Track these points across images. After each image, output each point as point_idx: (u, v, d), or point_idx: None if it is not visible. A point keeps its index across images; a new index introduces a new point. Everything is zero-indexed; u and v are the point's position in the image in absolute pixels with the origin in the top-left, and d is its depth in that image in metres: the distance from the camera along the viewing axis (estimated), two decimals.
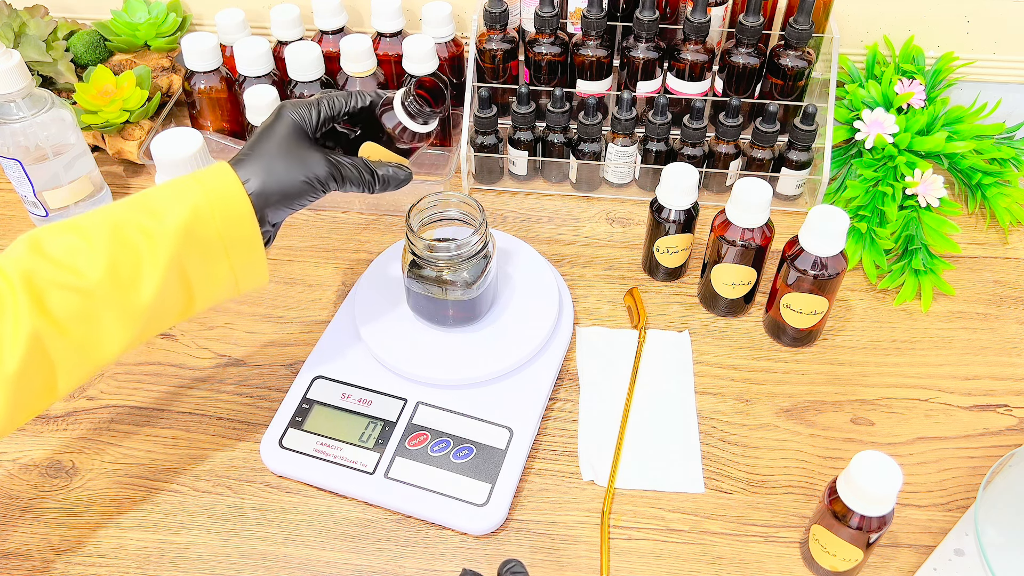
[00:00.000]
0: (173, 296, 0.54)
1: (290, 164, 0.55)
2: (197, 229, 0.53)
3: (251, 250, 0.55)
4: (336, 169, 0.57)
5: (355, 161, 0.59)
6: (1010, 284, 0.77)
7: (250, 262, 0.56)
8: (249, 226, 0.54)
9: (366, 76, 0.82)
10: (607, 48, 0.82)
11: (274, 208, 0.56)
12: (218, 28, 0.86)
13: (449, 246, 0.62)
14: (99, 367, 0.53)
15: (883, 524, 0.52)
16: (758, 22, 0.79)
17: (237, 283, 0.57)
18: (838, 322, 0.73)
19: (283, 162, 0.55)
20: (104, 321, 0.51)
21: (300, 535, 0.59)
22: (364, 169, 0.59)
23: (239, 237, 0.54)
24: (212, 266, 0.54)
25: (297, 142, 0.56)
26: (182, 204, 0.53)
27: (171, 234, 0.52)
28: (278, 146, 0.56)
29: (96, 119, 0.82)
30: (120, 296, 0.51)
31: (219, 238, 0.54)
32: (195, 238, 0.53)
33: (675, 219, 0.72)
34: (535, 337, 0.67)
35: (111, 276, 0.51)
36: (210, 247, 0.54)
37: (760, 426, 0.66)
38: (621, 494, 0.62)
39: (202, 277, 0.54)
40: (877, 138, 0.80)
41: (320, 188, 0.57)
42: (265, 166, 0.55)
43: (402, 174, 0.61)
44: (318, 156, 0.57)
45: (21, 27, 0.87)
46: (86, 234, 0.51)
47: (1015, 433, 0.65)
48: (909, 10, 0.86)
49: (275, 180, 0.55)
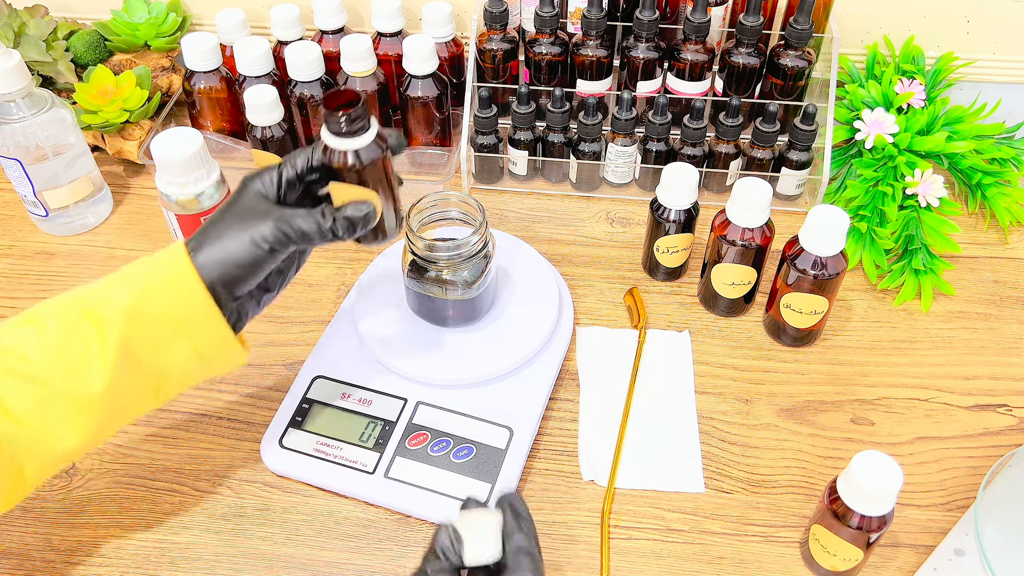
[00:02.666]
0: (133, 383, 0.51)
1: (239, 229, 0.51)
2: (145, 308, 0.50)
3: (212, 327, 0.52)
4: (286, 224, 0.51)
5: (312, 211, 0.53)
6: (1010, 284, 0.77)
7: (216, 340, 0.52)
8: (201, 301, 0.51)
9: (366, 76, 0.82)
10: (607, 48, 0.82)
11: (229, 279, 0.51)
12: (218, 28, 0.86)
13: (449, 246, 0.62)
14: (62, 459, 0.50)
15: (883, 524, 0.52)
16: (758, 22, 0.79)
17: (207, 365, 0.53)
18: (838, 322, 0.73)
19: (233, 229, 0.51)
20: (57, 410, 0.49)
21: (300, 535, 0.59)
22: (322, 215, 0.53)
23: (194, 314, 0.51)
24: (170, 348, 0.51)
25: (252, 208, 0.52)
26: (128, 284, 0.51)
27: (118, 316, 0.49)
28: (231, 215, 0.52)
29: (96, 119, 0.82)
30: (71, 384, 0.49)
31: (170, 316, 0.50)
32: (144, 318, 0.50)
33: (675, 219, 0.72)
34: (535, 337, 0.67)
35: (59, 362, 0.49)
36: (162, 327, 0.50)
37: (760, 426, 0.66)
38: (621, 494, 0.62)
39: (161, 360, 0.51)
40: (877, 138, 0.80)
41: (269, 248, 0.51)
42: (214, 235, 0.51)
43: (363, 209, 0.53)
44: (269, 215, 0.52)
45: (21, 27, 0.87)
46: (38, 321, 0.50)
47: (1015, 433, 0.65)
48: (909, 10, 0.86)
49: (221, 248, 0.51)
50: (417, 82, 0.82)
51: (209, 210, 0.70)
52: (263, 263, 0.52)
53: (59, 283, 0.77)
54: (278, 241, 0.51)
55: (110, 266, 0.78)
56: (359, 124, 0.51)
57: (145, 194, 0.86)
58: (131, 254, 0.80)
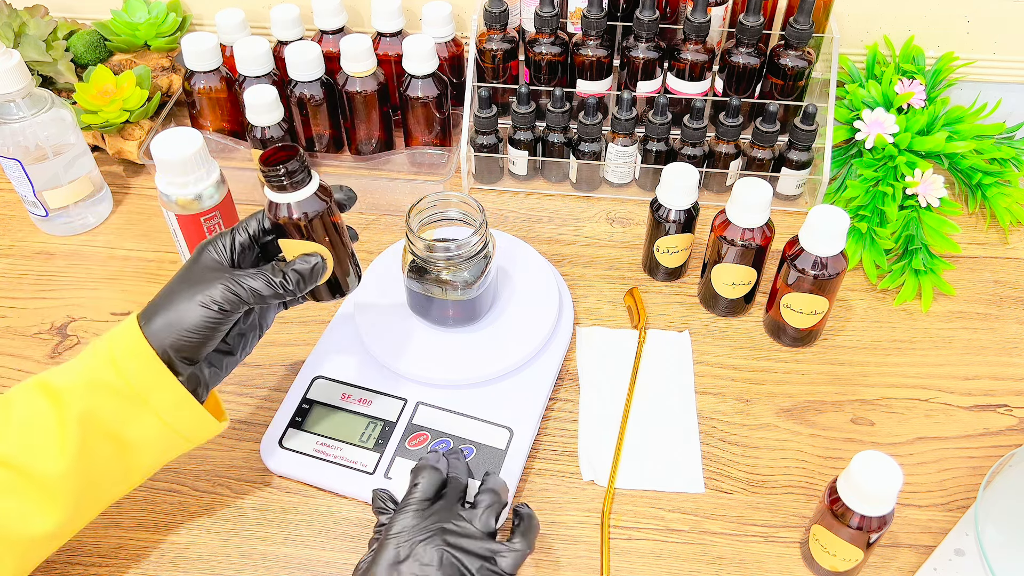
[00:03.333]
0: (101, 458, 0.50)
1: (189, 295, 0.51)
2: (101, 381, 0.49)
3: (170, 394, 0.51)
4: (235, 283, 0.51)
5: (261, 269, 0.52)
6: (1010, 284, 0.77)
7: (177, 407, 0.51)
8: (155, 369, 0.50)
9: (366, 76, 0.82)
10: (607, 48, 0.82)
11: (181, 345, 0.50)
12: (218, 28, 0.86)
13: (449, 246, 0.62)
14: (39, 545, 0.49)
15: (883, 524, 0.52)
16: (758, 22, 0.79)
17: (177, 435, 0.52)
18: (838, 322, 0.73)
19: (183, 295, 0.51)
20: (25, 492, 0.48)
21: (300, 535, 0.59)
22: (271, 271, 0.52)
23: (149, 382, 0.50)
24: (133, 420, 0.50)
25: (204, 273, 0.52)
26: (84, 360, 0.50)
27: (75, 391, 0.49)
28: (184, 281, 0.52)
29: (96, 119, 0.82)
30: (36, 463, 0.48)
31: (127, 387, 0.50)
32: (101, 391, 0.49)
33: (675, 219, 0.71)
34: (535, 337, 0.67)
35: (22, 442, 0.48)
36: (120, 398, 0.50)
37: (760, 426, 0.66)
38: (621, 494, 0.62)
39: (128, 433, 0.50)
40: (877, 138, 0.80)
41: (219, 309, 0.51)
42: (165, 303, 0.51)
43: (311, 261, 0.53)
44: (219, 279, 0.51)
45: (21, 27, 0.87)
46: (4, 402, 0.50)
47: (1015, 433, 0.65)
48: (909, 10, 0.86)
49: (172, 313, 0.50)
50: (417, 82, 0.82)
51: (209, 210, 0.70)
52: (215, 327, 0.51)
53: (59, 283, 0.77)
54: (228, 302, 0.51)
55: (110, 266, 0.79)
56: (297, 177, 0.51)
57: (145, 194, 0.86)
58: (131, 254, 0.80)
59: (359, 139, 0.87)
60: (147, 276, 0.78)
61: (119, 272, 0.78)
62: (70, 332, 0.73)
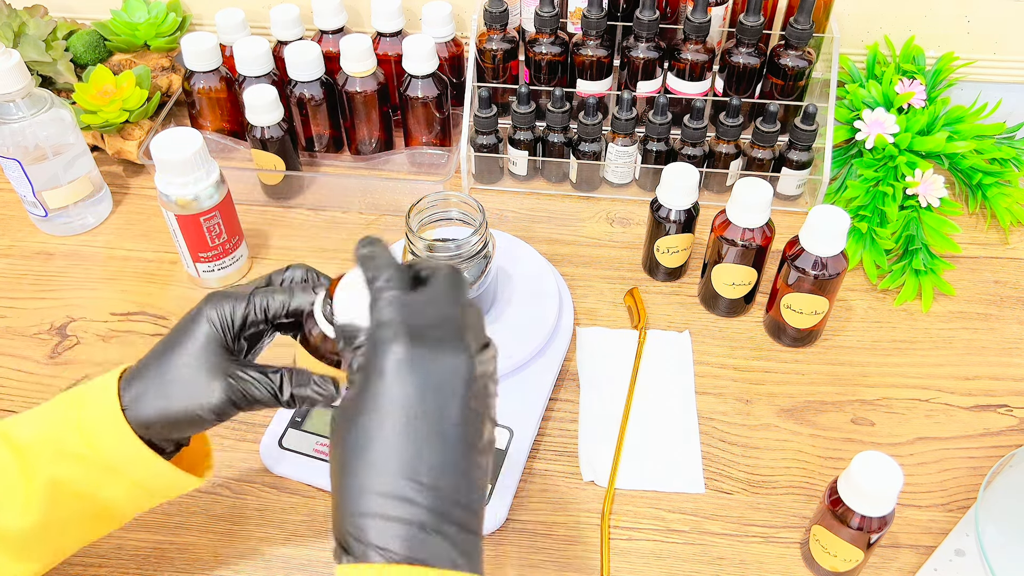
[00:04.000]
0: (73, 516, 0.47)
1: (185, 389, 0.46)
2: (71, 449, 0.45)
3: (148, 466, 0.47)
4: (237, 393, 0.46)
5: (267, 377, 0.47)
6: (1010, 284, 0.77)
7: (161, 477, 0.47)
8: (133, 445, 0.46)
9: (366, 76, 0.82)
10: (607, 48, 0.82)
11: (163, 429, 0.46)
12: (218, 28, 0.86)
13: (449, 246, 0.62)
14: None
15: (884, 524, 0.52)
16: (758, 22, 0.79)
17: (154, 495, 0.49)
18: (838, 322, 0.73)
19: (174, 383, 0.46)
20: None
21: (300, 535, 0.59)
22: (279, 389, 0.48)
23: (126, 456, 0.46)
24: (106, 485, 0.47)
25: (202, 359, 0.46)
26: (56, 420, 0.46)
27: (43, 454, 0.45)
28: (177, 355, 0.46)
29: (95, 119, 0.82)
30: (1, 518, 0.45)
31: (99, 459, 0.46)
32: (71, 458, 0.45)
33: (675, 219, 0.71)
34: (535, 337, 0.67)
35: None
36: (92, 467, 0.46)
37: (760, 426, 0.66)
38: (621, 494, 0.62)
39: (102, 495, 0.47)
40: (878, 138, 0.80)
41: (215, 417, 0.47)
42: (153, 382, 0.46)
43: (328, 390, 0.48)
44: (217, 376, 0.46)
45: (21, 27, 0.87)
46: None
47: (1016, 433, 0.65)
48: (909, 10, 0.86)
49: (160, 399, 0.46)
50: (417, 82, 0.82)
51: (209, 210, 0.70)
52: (205, 426, 0.47)
53: (58, 283, 0.77)
54: (224, 412, 0.47)
55: (110, 266, 0.78)
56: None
57: (144, 194, 0.86)
58: (130, 254, 0.80)
59: (359, 139, 0.87)
60: (146, 276, 0.78)
61: (119, 272, 0.78)
62: (69, 332, 0.73)
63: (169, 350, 0.47)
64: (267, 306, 0.48)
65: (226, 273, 0.75)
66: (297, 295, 0.49)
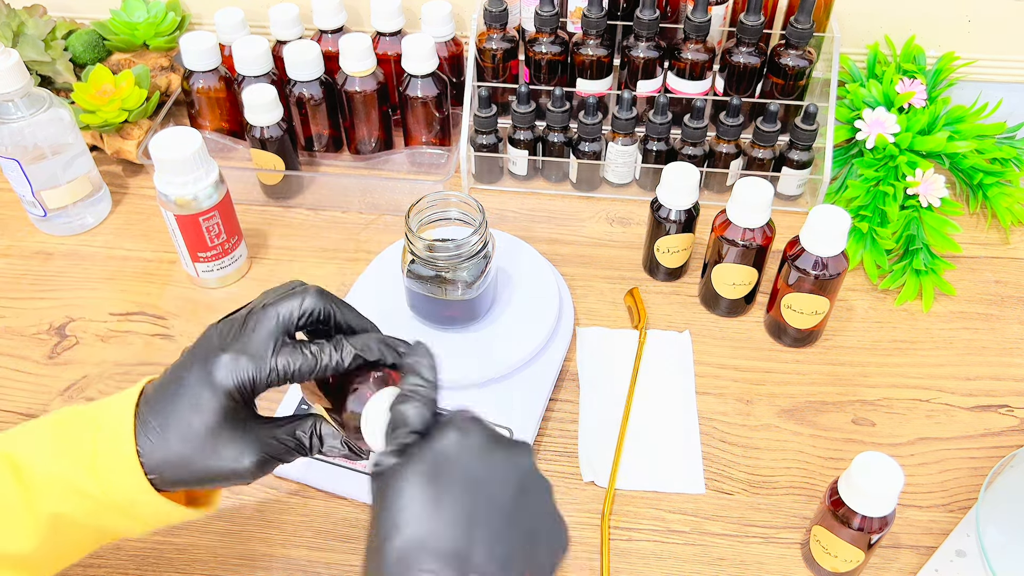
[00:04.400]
0: (71, 540, 0.45)
1: (211, 458, 0.43)
2: (79, 486, 0.43)
3: (158, 510, 0.44)
4: (270, 459, 0.45)
5: (297, 438, 0.46)
6: (1011, 284, 0.76)
7: (170, 516, 0.45)
8: (143, 489, 0.43)
9: (365, 75, 0.82)
10: (607, 47, 0.82)
11: (184, 483, 0.44)
12: (217, 27, 0.86)
13: (449, 246, 0.62)
14: None
15: (884, 525, 0.52)
16: (759, 21, 0.79)
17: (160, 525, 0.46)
18: (839, 322, 0.73)
19: (202, 454, 0.43)
20: None
21: (299, 536, 0.59)
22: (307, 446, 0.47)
23: (139, 500, 0.44)
24: (115, 522, 0.45)
25: (226, 426, 0.43)
26: (64, 453, 0.44)
27: (48, 487, 0.43)
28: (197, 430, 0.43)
29: (95, 119, 0.82)
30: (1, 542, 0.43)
31: (109, 499, 0.44)
32: (79, 495, 0.43)
33: (676, 219, 0.71)
34: (535, 337, 0.67)
35: None
36: (101, 505, 0.44)
37: (761, 427, 0.65)
38: (621, 495, 0.61)
39: (106, 526, 0.45)
40: (878, 138, 0.79)
41: (247, 482, 0.45)
42: (179, 458, 0.43)
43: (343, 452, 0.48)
44: (249, 447, 0.44)
45: (20, 26, 0.86)
46: None
47: (1016, 433, 0.65)
48: (910, 10, 0.86)
49: (188, 477, 0.43)
50: (417, 81, 0.82)
51: (208, 210, 0.70)
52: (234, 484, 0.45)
53: (57, 283, 0.77)
54: (256, 476, 0.45)
55: (109, 266, 0.78)
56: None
57: (144, 194, 0.86)
58: (130, 254, 0.80)
59: (358, 139, 0.87)
60: (146, 276, 0.77)
61: (118, 272, 0.78)
62: (69, 332, 0.72)
63: (189, 414, 0.43)
64: (289, 370, 0.44)
65: (225, 273, 0.75)
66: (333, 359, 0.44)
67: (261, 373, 0.43)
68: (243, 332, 0.44)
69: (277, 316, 0.44)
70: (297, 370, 0.43)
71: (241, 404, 0.44)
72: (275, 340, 0.44)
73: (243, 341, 0.43)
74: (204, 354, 0.44)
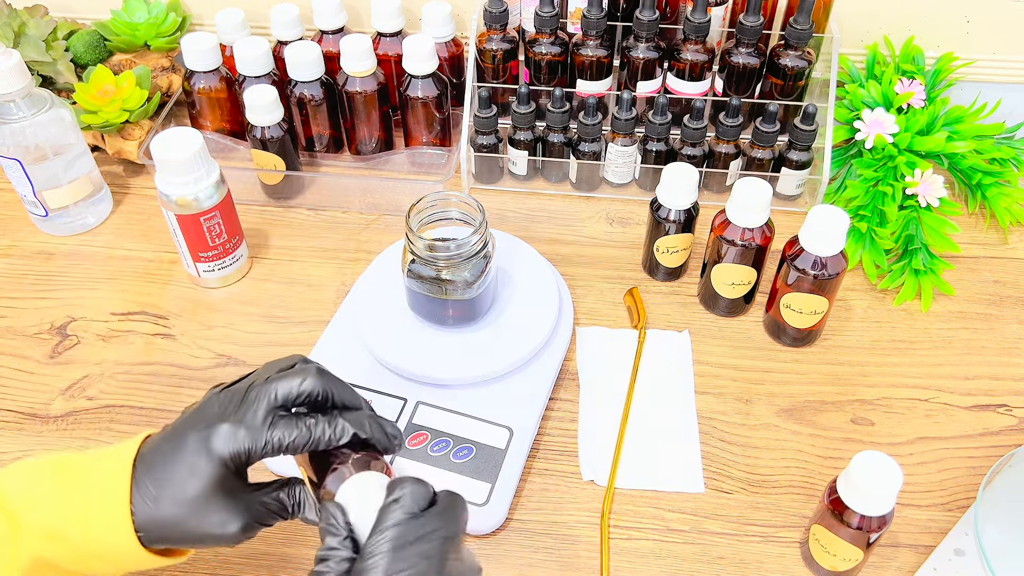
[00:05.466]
0: None
1: (201, 521, 0.45)
2: (68, 535, 0.44)
3: (143, 562, 0.46)
4: (255, 523, 0.47)
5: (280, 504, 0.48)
6: (1010, 284, 0.77)
7: (147, 565, 0.46)
8: (134, 550, 0.45)
9: (366, 76, 0.82)
10: (607, 48, 0.82)
11: (170, 542, 0.46)
12: (218, 28, 0.86)
13: (449, 246, 0.62)
14: None
15: (883, 524, 0.52)
16: (758, 22, 0.79)
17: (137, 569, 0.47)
18: (838, 322, 0.73)
19: (194, 519, 0.45)
20: None
21: (300, 535, 0.59)
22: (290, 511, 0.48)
23: (122, 553, 0.45)
24: (93, 566, 0.46)
25: (218, 493, 0.45)
26: (59, 501, 0.45)
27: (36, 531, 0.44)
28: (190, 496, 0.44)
29: (96, 119, 0.82)
30: None
31: (95, 551, 0.45)
32: (64, 542, 0.44)
33: (675, 219, 0.71)
34: (535, 337, 0.67)
35: None
36: (84, 554, 0.45)
37: (760, 426, 0.66)
38: (621, 494, 0.62)
39: (86, 571, 0.46)
40: (877, 138, 0.80)
41: (231, 545, 0.46)
42: (167, 512, 0.44)
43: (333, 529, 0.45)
44: (238, 513, 0.46)
45: (21, 27, 0.87)
46: None
47: (1015, 433, 0.65)
48: (909, 10, 0.86)
49: (176, 537, 0.45)
50: (417, 82, 0.82)
51: (209, 210, 0.70)
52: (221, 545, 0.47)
53: (59, 283, 0.77)
54: (240, 540, 0.46)
55: (110, 266, 0.78)
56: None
57: (145, 194, 0.86)
58: (131, 254, 0.80)
59: (359, 139, 0.87)
60: (147, 276, 0.78)
61: (119, 272, 0.78)
62: (70, 332, 0.73)
63: (184, 479, 0.45)
64: (284, 443, 0.45)
65: (226, 273, 0.75)
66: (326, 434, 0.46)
67: (257, 445, 0.45)
68: (243, 404, 0.46)
69: (276, 392, 0.46)
70: (291, 443, 0.45)
71: (233, 472, 0.45)
72: (272, 414, 0.46)
73: (242, 413, 0.45)
74: (204, 421, 0.45)
